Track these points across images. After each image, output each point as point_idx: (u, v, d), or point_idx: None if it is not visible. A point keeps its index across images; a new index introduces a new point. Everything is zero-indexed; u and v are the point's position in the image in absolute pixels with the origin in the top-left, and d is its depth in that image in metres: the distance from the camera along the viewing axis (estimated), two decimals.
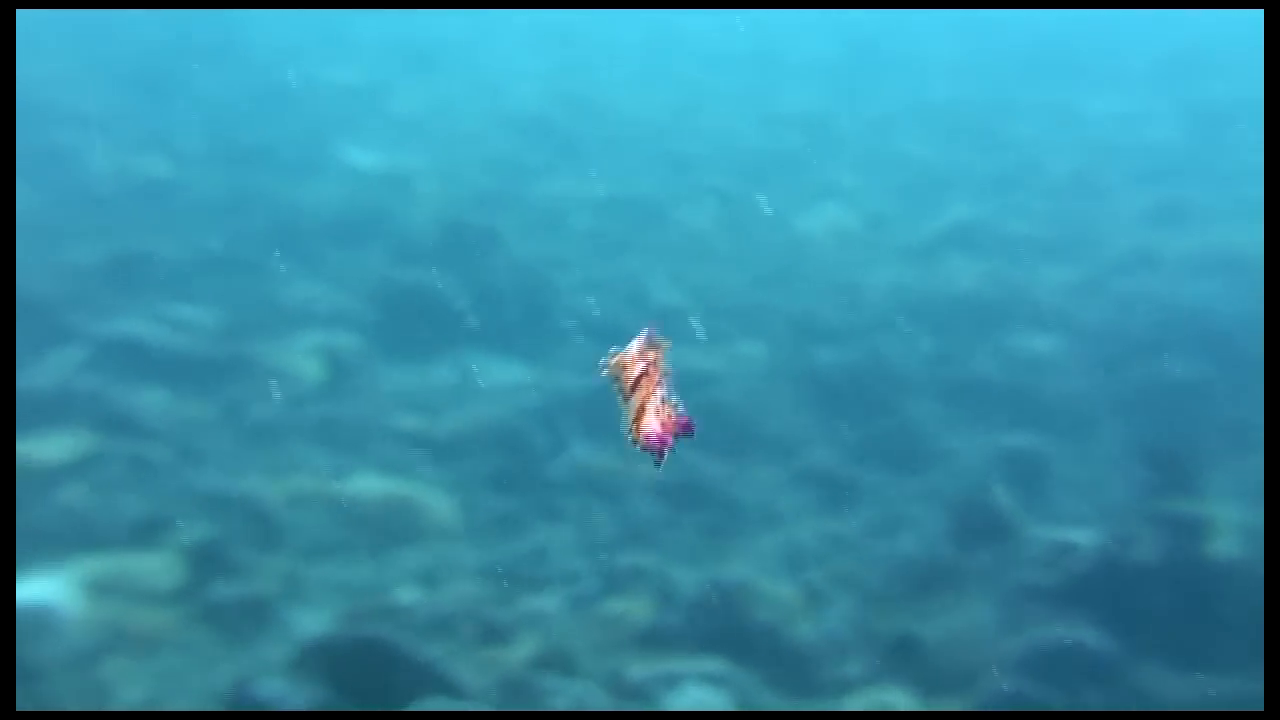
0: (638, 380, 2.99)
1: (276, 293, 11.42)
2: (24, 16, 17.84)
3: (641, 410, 2.97)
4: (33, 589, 7.40)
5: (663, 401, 2.97)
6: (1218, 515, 8.33)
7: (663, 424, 2.96)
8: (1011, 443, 10.09)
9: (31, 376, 9.21)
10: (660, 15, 22.91)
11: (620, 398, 3.02)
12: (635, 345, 3.00)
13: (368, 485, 9.11)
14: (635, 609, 8.06)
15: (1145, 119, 17.52)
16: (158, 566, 7.86)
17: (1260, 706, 6.08)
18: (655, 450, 2.96)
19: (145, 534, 8.05)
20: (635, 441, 2.99)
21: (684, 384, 9.68)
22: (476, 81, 18.34)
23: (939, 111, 17.77)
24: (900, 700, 7.36)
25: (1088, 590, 8.05)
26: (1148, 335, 11.34)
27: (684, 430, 2.97)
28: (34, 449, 8.34)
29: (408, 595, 7.90)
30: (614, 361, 3.01)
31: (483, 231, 12.80)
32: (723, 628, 7.81)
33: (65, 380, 9.43)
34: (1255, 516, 7.59)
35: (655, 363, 2.99)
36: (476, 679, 7.17)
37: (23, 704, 6.40)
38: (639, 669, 7.42)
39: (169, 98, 15.68)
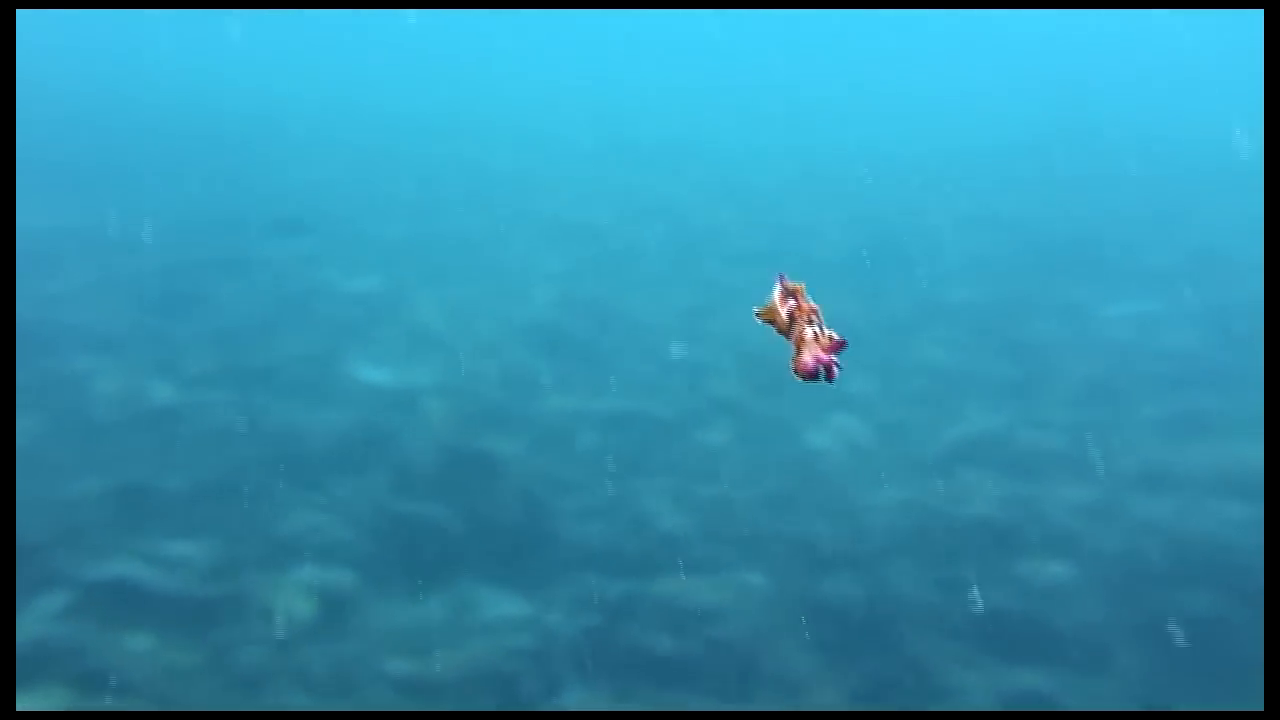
0: (788, 321, 3.24)
1: (273, 525, 11.29)
2: (51, 226, 18.13)
3: (799, 347, 3.18)
4: None
5: (815, 335, 3.19)
6: None
7: (816, 354, 3.16)
8: (1022, 682, 9.78)
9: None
10: (684, 212, 23.14)
11: (781, 336, 3.29)
12: (776, 292, 3.30)
13: None
14: None
15: (1163, 323, 17.36)
16: None
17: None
18: (817, 376, 3.15)
19: None
20: (798, 376, 3.18)
21: (683, 619, 9.36)
22: (493, 285, 18.41)
23: (956, 313, 17.66)
24: None
25: None
26: (1162, 565, 11.05)
27: (838, 348, 3.17)
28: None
29: None
30: (763, 311, 3.30)
31: (486, 455, 12.72)
32: None
33: (43, 632, 9.28)
34: None
35: (800, 301, 3.26)
36: None
37: None
38: None
39: (181, 316, 15.78)
